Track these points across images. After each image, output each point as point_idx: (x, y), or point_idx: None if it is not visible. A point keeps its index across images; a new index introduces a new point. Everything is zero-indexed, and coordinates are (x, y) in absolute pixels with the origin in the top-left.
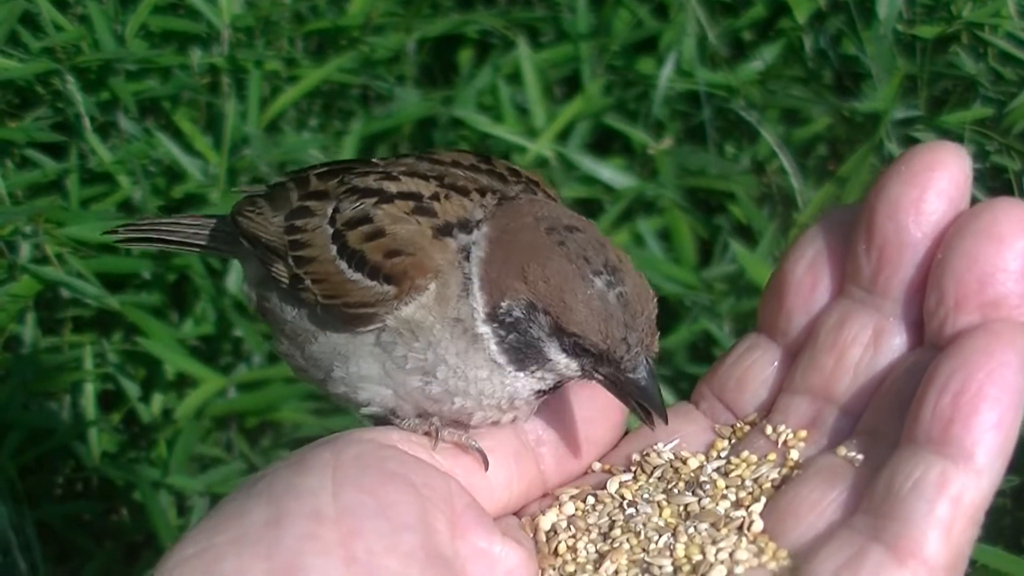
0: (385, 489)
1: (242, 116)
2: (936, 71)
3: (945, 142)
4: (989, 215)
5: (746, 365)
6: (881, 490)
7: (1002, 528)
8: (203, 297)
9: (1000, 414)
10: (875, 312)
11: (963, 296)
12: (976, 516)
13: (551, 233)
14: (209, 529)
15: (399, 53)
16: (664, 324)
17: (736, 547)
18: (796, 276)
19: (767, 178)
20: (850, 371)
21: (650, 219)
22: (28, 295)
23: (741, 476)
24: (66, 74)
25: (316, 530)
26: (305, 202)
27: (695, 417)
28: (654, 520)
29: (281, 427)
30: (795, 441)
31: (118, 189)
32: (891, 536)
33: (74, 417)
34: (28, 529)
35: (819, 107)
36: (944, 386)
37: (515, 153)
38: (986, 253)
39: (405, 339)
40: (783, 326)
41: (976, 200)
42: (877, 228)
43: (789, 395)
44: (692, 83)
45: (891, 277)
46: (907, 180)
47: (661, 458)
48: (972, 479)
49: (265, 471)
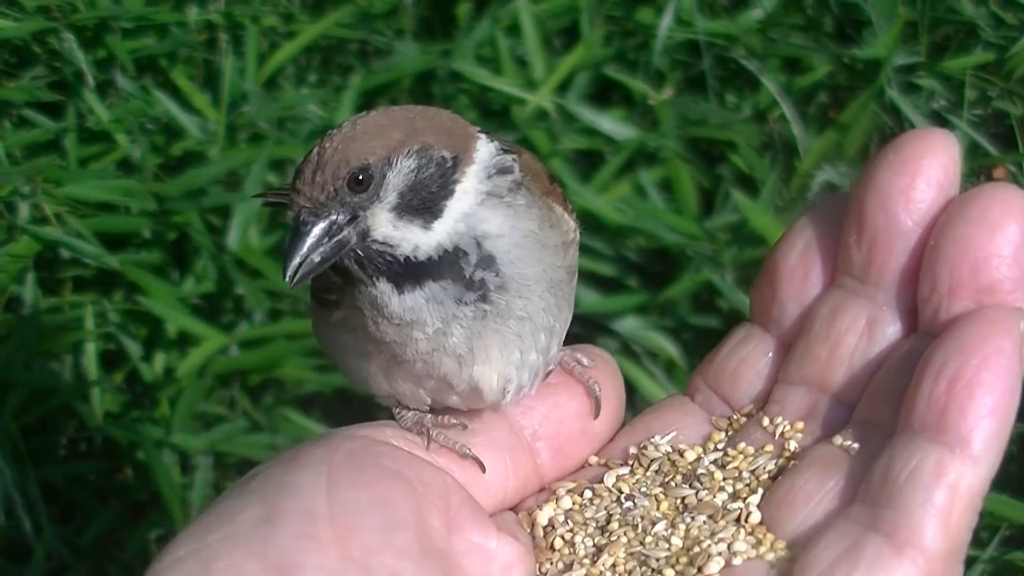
0: (379, 486)
1: (240, 72)
2: (936, 16)
3: (933, 128)
4: (981, 201)
5: (740, 357)
6: (878, 479)
7: (1009, 475)
8: (204, 255)
9: (996, 400)
10: (868, 301)
11: (957, 283)
12: (974, 503)
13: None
14: (202, 528)
15: (397, 6)
16: (666, 274)
17: (734, 538)
18: (788, 266)
19: (768, 127)
20: (845, 361)
21: (651, 170)
22: (28, 255)
23: (738, 468)
24: (63, 32)
25: (310, 528)
26: None
27: (691, 409)
28: (651, 513)
29: (284, 384)
30: (792, 432)
31: (116, 148)
32: (889, 525)
33: (76, 377)
34: (32, 489)
35: (820, 55)
36: (939, 373)
37: (515, 105)
38: (979, 239)
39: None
40: (776, 317)
41: (979, 146)
42: (867, 218)
43: (784, 386)
44: (692, 32)
45: (883, 266)
46: (896, 168)
47: (658, 451)
48: (969, 466)
49: (258, 469)
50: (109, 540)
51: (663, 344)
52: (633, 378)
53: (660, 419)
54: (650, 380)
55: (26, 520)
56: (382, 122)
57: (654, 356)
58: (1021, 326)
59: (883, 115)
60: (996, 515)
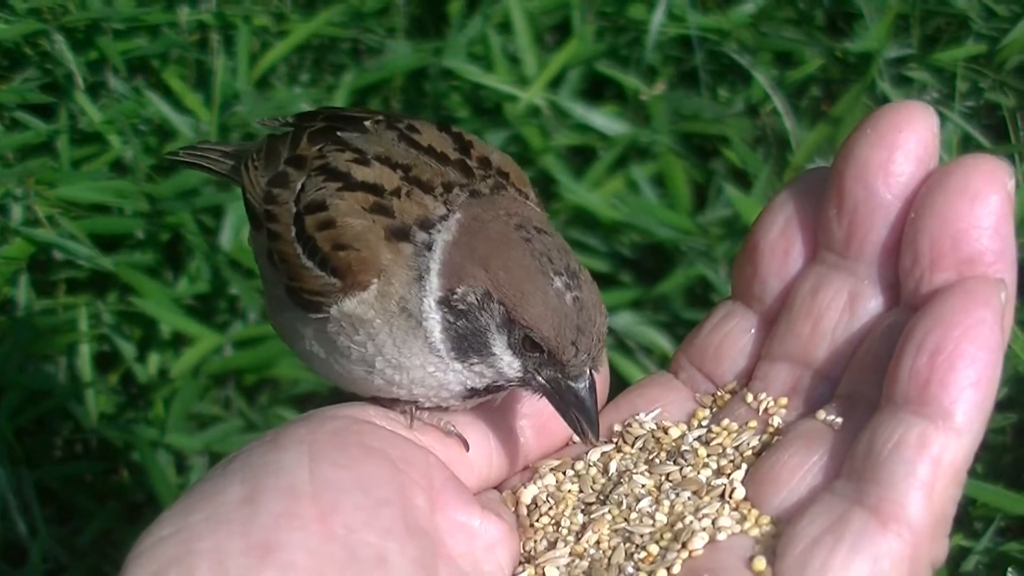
0: (362, 464)
1: (232, 72)
2: (928, 9)
3: (911, 101)
4: (961, 172)
5: (723, 334)
6: (862, 453)
7: (1002, 465)
8: (197, 255)
9: (978, 372)
10: (849, 276)
11: (938, 255)
12: (958, 476)
13: (519, 229)
14: (184, 509)
15: (388, 5)
16: (660, 269)
17: (718, 514)
18: (768, 242)
19: (761, 121)
20: (827, 336)
21: (644, 165)
22: (21, 257)
23: (722, 444)
24: (54, 34)
25: (293, 507)
26: (287, 167)
27: (675, 387)
28: (636, 490)
29: (279, 383)
30: (776, 408)
31: (109, 149)
32: (873, 499)
33: (71, 378)
34: (27, 491)
35: (812, 48)
36: (920, 346)
37: (507, 102)
38: (959, 210)
39: (347, 331)
40: (758, 293)
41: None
42: (847, 192)
43: (768, 362)
44: (684, 27)
45: (863, 240)
46: (874, 142)
47: (643, 428)
48: (952, 439)
49: (240, 450)
50: (105, 541)
51: (657, 339)
52: (627, 373)
53: (644, 396)
54: (644, 375)
55: (22, 522)
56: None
57: (648, 351)
58: (1002, 297)
59: (875, 108)
60: (991, 506)
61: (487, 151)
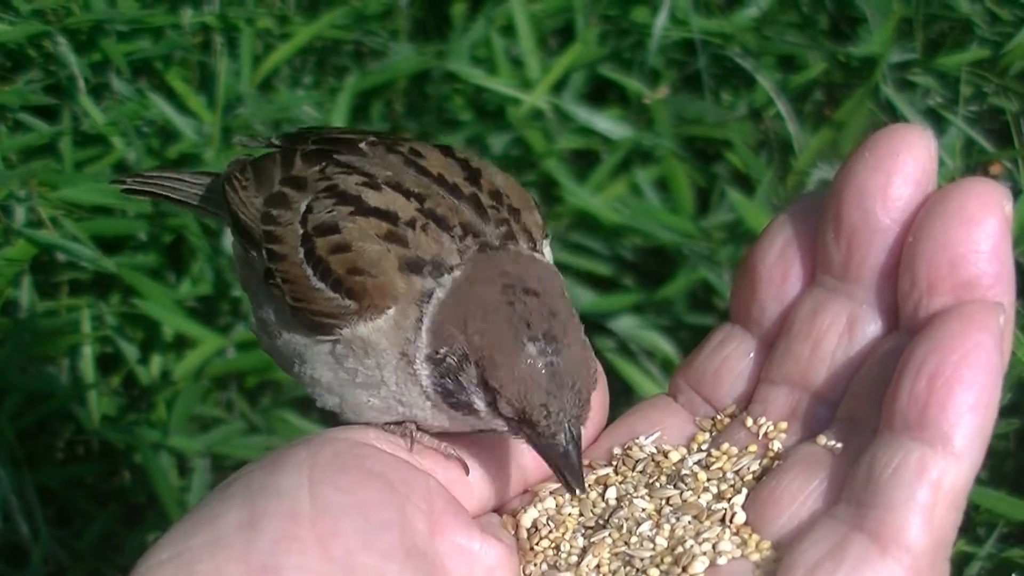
0: (363, 488)
1: (235, 75)
2: (931, 13)
3: (909, 125)
4: (958, 196)
5: (722, 357)
6: (861, 478)
7: (1005, 472)
8: (200, 257)
9: (976, 395)
10: (848, 300)
11: (936, 279)
12: (957, 500)
13: (506, 291)
14: (183, 532)
15: (391, 7)
16: (662, 273)
17: (719, 539)
18: (767, 266)
19: (764, 125)
20: (826, 360)
21: (647, 169)
22: (24, 259)
23: (722, 468)
24: (57, 36)
25: (293, 530)
26: (284, 188)
27: (675, 410)
28: (636, 514)
29: (281, 386)
30: (775, 432)
31: (112, 151)
32: (873, 524)
33: (73, 380)
34: (29, 493)
35: (815, 52)
36: (919, 370)
37: (510, 105)
38: (957, 235)
39: (357, 355)
40: (756, 316)
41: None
42: (845, 216)
43: (767, 386)
44: (687, 31)
45: (862, 264)
46: (872, 166)
47: (643, 452)
48: (952, 463)
49: (239, 472)
50: (107, 543)
51: (659, 343)
52: (629, 377)
53: (644, 420)
54: (647, 379)
55: (23, 524)
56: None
57: (650, 355)
58: (1000, 321)
59: (878, 112)
60: (993, 512)
61: (495, 179)
